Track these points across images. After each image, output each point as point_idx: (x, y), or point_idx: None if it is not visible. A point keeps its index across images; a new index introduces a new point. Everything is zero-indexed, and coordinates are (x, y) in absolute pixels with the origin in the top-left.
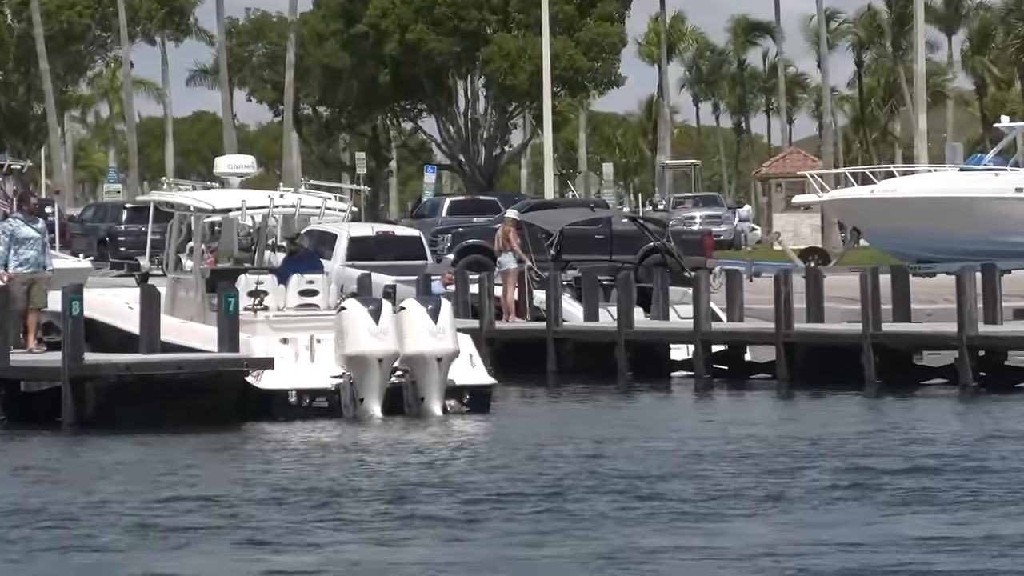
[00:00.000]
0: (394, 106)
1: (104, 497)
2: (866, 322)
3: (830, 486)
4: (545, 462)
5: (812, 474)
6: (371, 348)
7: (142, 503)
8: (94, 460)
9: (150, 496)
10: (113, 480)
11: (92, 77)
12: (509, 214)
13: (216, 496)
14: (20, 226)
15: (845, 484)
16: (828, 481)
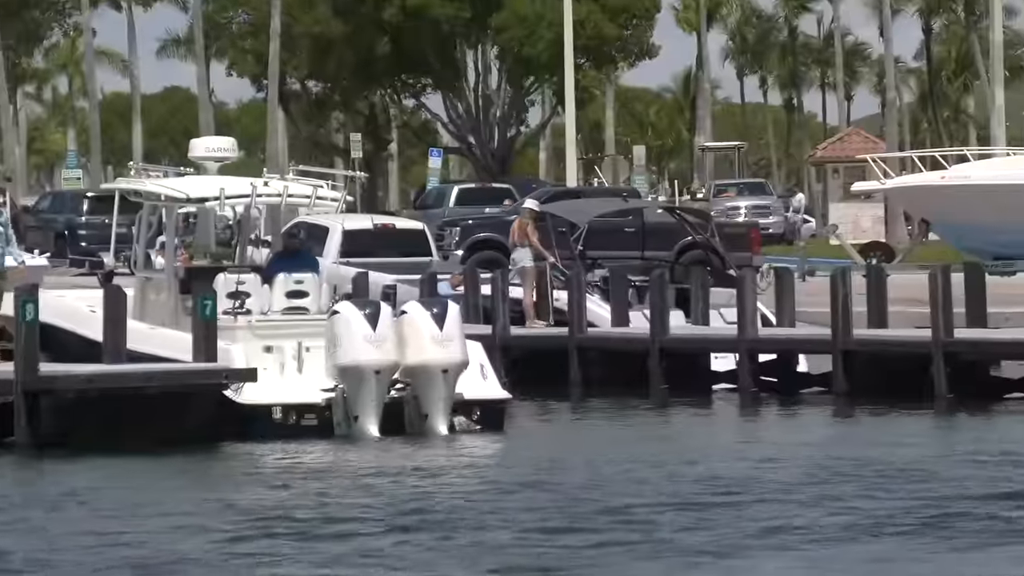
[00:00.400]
0: (394, 80)
1: (58, 532)
2: (936, 328)
3: (898, 519)
4: (565, 489)
5: (876, 505)
6: (367, 358)
7: (103, 538)
8: (49, 487)
9: (113, 529)
10: (70, 511)
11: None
12: (528, 205)
13: (188, 528)
14: None
15: (915, 517)
16: (895, 514)
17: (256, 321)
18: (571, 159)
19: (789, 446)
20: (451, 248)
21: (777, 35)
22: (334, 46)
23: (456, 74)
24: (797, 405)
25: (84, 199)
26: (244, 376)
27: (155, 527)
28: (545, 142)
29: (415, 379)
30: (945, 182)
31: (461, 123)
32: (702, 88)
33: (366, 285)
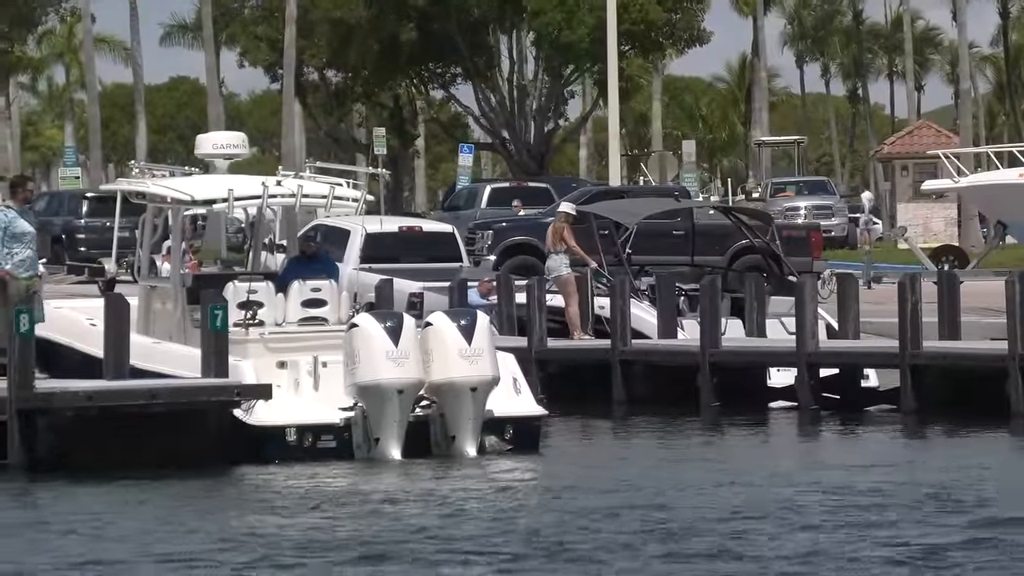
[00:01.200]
0: (421, 70)
1: (56, 562)
2: (1013, 340)
3: (975, 549)
4: (604, 516)
5: (952, 535)
6: (389, 377)
7: (103, 569)
8: (45, 513)
9: (115, 557)
10: (68, 538)
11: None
12: (563, 208)
13: (195, 558)
14: (15, 219)
15: (977, 552)
16: (973, 544)
17: (269, 333)
18: (614, 155)
19: (849, 470)
20: (483, 253)
21: (841, 19)
22: (355, 32)
23: (488, 63)
24: (861, 424)
25: (83, 200)
26: (258, 393)
27: (151, 557)
28: (586, 137)
29: (441, 397)
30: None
31: (494, 116)
32: (758, 77)
33: (391, 293)
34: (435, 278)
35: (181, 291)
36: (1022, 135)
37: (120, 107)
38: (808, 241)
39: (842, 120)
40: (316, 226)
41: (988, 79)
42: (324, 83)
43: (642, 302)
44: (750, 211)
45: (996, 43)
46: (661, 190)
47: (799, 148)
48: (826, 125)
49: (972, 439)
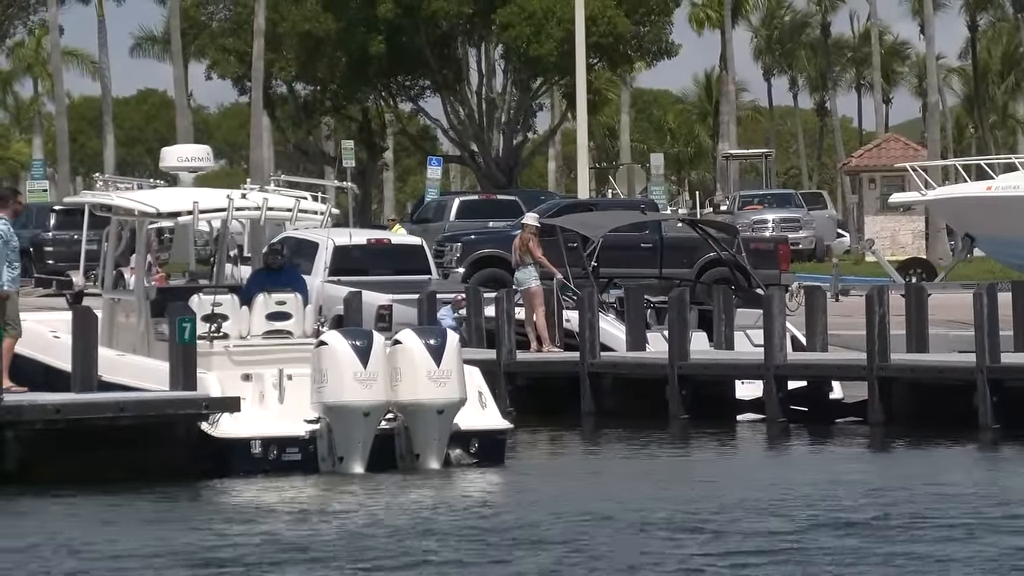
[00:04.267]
0: (389, 83)
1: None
2: (981, 352)
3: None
4: (569, 533)
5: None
6: (356, 399)
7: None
8: (11, 528)
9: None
10: (37, 554)
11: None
12: (527, 220)
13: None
14: (10, 232)
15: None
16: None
17: (234, 346)
18: (583, 168)
19: (817, 483)
20: (452, 265)
21: (809, 32)
22: (324, 45)
23: (457, 76)
24: (829, 437)
25: (51, 213)
26: (226, 406)
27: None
28: (554, 150)
29: (407, 416)
30: (992, 193)
31: (462, 129)
32: (726, 90)
33: (359, 306)
34: (404, 291)
35: (145, 304)
36: (990, 148)
37: (88, 120)
38: (776, 254)
39: (810, 133)
40: (284, 239)
41: (956, 92)
42: (293, 96)
43: (608, 315)
44: (716, 224)
45: (964, 56)
46: (629, 203)
47: (767, 161)
48: (794, 138)
49: (939, 452)
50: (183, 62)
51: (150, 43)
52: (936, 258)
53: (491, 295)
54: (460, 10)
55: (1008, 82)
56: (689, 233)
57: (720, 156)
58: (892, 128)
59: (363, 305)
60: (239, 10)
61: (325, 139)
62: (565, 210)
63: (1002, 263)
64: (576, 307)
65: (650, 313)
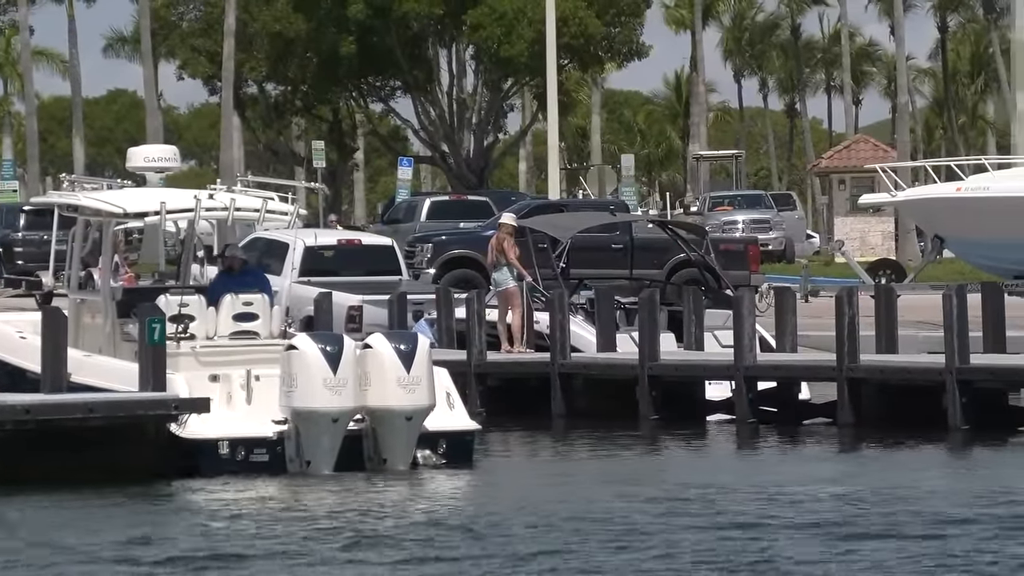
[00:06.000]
0: (360, 83)
1: None
2: (950, 353)
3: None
4: (534, 535)
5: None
6: (325, 405)
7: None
8: None
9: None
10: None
11: None
12: (504, 219)
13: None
14: None
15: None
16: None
17: (201, 347)
18: (554, 169)
19: (790, 483)
20: (422, 266)
21: (779, 34)
22: (295, 46)
23: (428, 76)
24: (798, 437)
25: (21, 213)
26: (196, 407)
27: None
28: (525, 151)
29: (376, 421)
30: (961, 194)
31: (433, 130)
32: (696, 92)
33: (329, 307)
34: (374, 291)
35: (111, 304)
36: (960, 149)
37: (58, 120)
38: (745, 255)
39: (780, 134)
40: (254, 239)
41: (924, 95)
42: (263, 96)
43: (578, 316)
44: (686, 225)
45: (934, 57)
46: (599, 204)
47: (737, 162)
48: (764, 139)
49: (908, 453)
50: (153, 62)
51: (121, 43)
52: (906, 259)
53: (462, 296)
54: (431, 11)
55: (978, 83)
56: (659, 234)
57: (690, 157)
58: (862, 129)
59: (333, 306)
60: (209, 10)
61: (296, 139)
62: (536, 211)
63: (971, 264)
64: (546, 308)
65: (620, 314)
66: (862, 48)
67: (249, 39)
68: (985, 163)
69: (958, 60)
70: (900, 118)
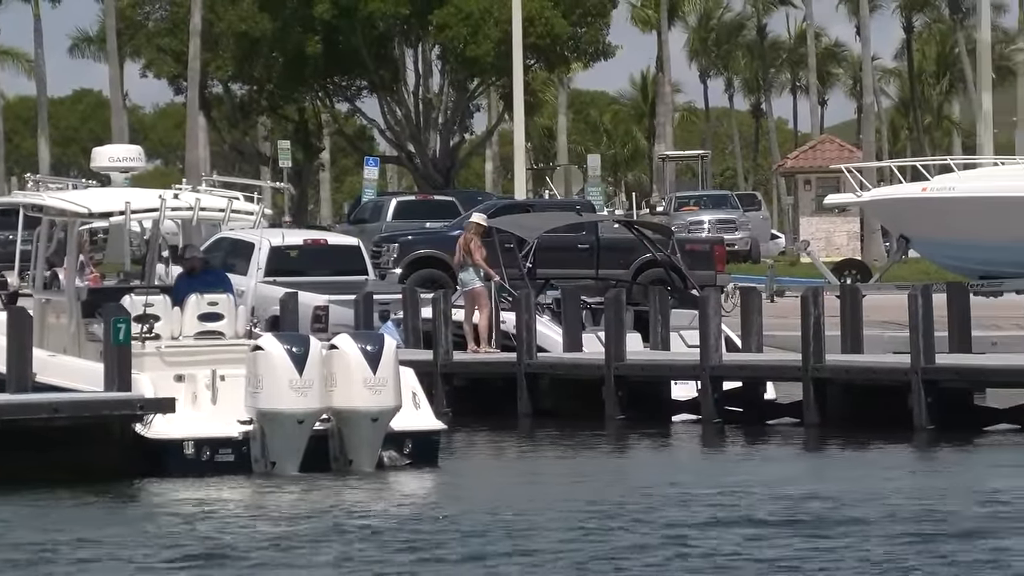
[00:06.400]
0: (326, 83)
1: None
2: (916, 353)
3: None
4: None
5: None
6: (291, 407)
7: None
8: None
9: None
10: None
11: None
12: (474, 219)
13: None
14: None
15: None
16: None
17: (166, 347)
18: (520, 169)
19: (756, 483)
20: (388, 266)
21: (745, 34)
22: (260, 45)
23: (394, 76)
24: (764, 437)
25: None
26: (162, 407)
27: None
28: (491, 151)
29: (341, 422)
30: (927, 194)
31: (399, 130)
32: (662, 92)
33: (295, 307)
34: (340, 291)
35: (76, 304)
36: (925, 149)
37: (23, 120)
38: (711, 254)
39: (745, 134)
40: (220, 239)
41: (890, 95)
42: (229, 96)
43: (543, 316)
44: (652, 225)
45: (900, 57)
46: (566, 204)
47: (703, 162)
48: (730, 139)
49: (874, 453)
50: (119, 62)
51: (86, 43)
52: (871, 259)
53: (428, 296)
54: (397, 11)
55: (943, 83)
56: (625, 234)
57: (656, 157)
58: (827, 130)
59: (299, 306)
60: (175, 10)
61: (261, 139)
62: (502, 211)
63: (937, 264)
64: (512, 308)
65: (586, 314)
66: (828, 48)
67: (215, 39)
68: (951, 163)
69: (924, 60)
70: (866, 118)
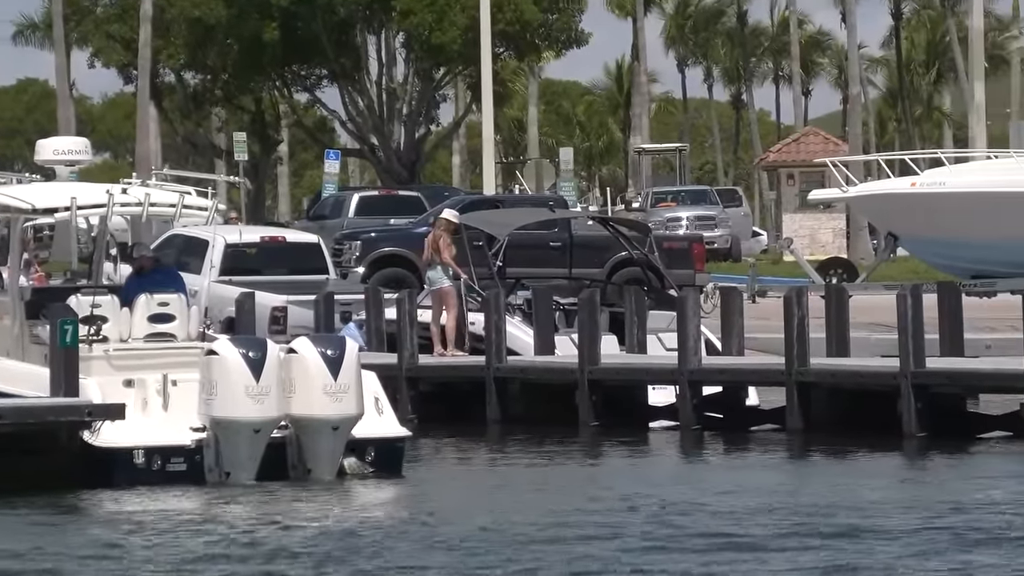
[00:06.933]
0: (284, 72)
1: None
2: (905, 357)
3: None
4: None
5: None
6: (247, 415)
7: None
8: None
9: None
10: None
11: None
12: (444, 215)
13: None
14: None
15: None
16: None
17: (114, 350)
18: (489, 163)
19: (736, 493)
20: (350, 264)
21: (725, 21)
22: (215, 32)
23: (356, 65)
24: (745, 444)
25: None
26: (111, 413)
27: None
28: (459, 143)
29: (300, 430)
30: (916, 190)
31: (362, 121)
32: (638, 82)
33: (252, 307)
34: (300, 291)
35: (19, 305)
36: (914, 142)
37: None
38: (690, 253)
39: (725, 127)
40: (172, 236)
41: (878, 85)
42: (181, 85)
43: (514, 318)
44: (628, 222)
45: (888, 45)
46: (537, 200)
47: (681, 156)
48: (709, 132)
49: (860, 461)
50: (65, 50)
51: (31, 30)
52: (858, 258)
53: (392, 296)
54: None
55: (933, 73)
56: (600, 232)
57: (632, 151)
58: (811, 121)
59: (256, 307)
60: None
61: (216, 131)
62: (470, 207)
63: (927, 263)
64: (481, 309)
65: (559, 315)
66: (812, 36)
67: (166, 25)
68: (941, 157)
69: (913, 49)
70: (852, 109)
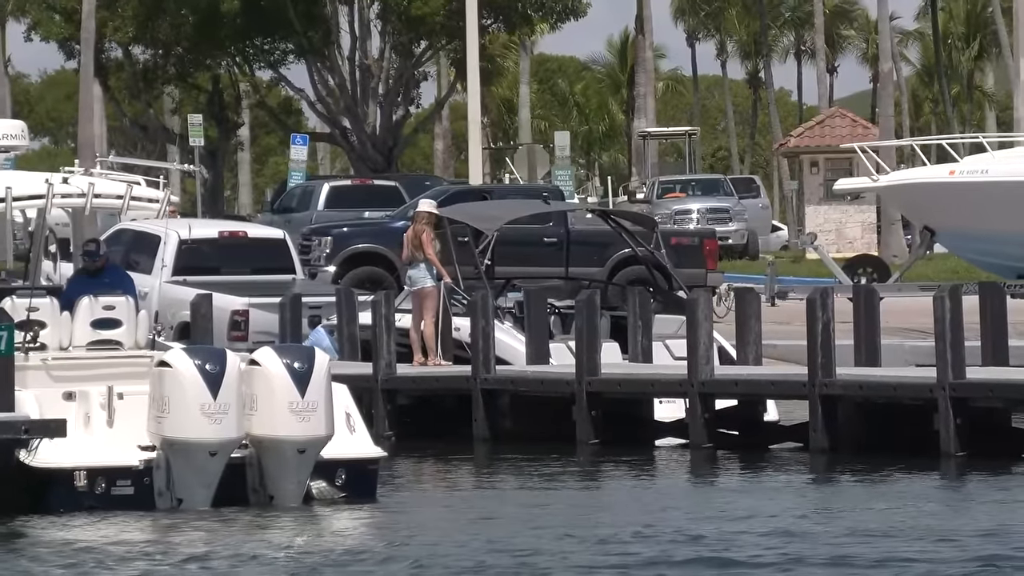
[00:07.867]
0: (245, 47)
1: None
2: (943, 367)
3: None
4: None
5: None
6: (203, 436)
7: None
8: None
9: None
10: None
11: None
12: (422, 207)
13: None
14: None
15: None
16: None
17: (53, 359)
18: (475, 148)
19: (754, 519)
20: (320, 263)
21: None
22: (167, 3)
23: (325, 38)
24: (763, 465)
25: None
26: (51, 430)
27: None
28: (442, 127)
29: (262, 452)
30: (955, 179)
31: (332, 102)
32: (643, 58)
33: (209, 311)
34: (263, 293)
35: None
36: (953, 125)
37: None
38: (701, 250)
39: (741, 108)
40: (119, 231)
41: (911, 61)
42: (130, 61)
43: (504, 323)
44: (632, 215)
45: (923, 17)
46: (529, 190)
47: (690, 141)
48: (722, 114)
49: (893, 483)
50: (0, 22)
51: None
52: (890, 255)
53: (367, 298)
54: None
55: (973, 48)
56: (600, 226)
57: (636, 135)
58: (837, 102)
59: (214, 310)
60: None
61: (169, 113)
62: (455, 198)
63: (967, 261)
64: (467, 313)
65: (554, 320)
66: (838, 6)
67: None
68: (983, 141)
69: (951, 20)
70: (883, 89)
